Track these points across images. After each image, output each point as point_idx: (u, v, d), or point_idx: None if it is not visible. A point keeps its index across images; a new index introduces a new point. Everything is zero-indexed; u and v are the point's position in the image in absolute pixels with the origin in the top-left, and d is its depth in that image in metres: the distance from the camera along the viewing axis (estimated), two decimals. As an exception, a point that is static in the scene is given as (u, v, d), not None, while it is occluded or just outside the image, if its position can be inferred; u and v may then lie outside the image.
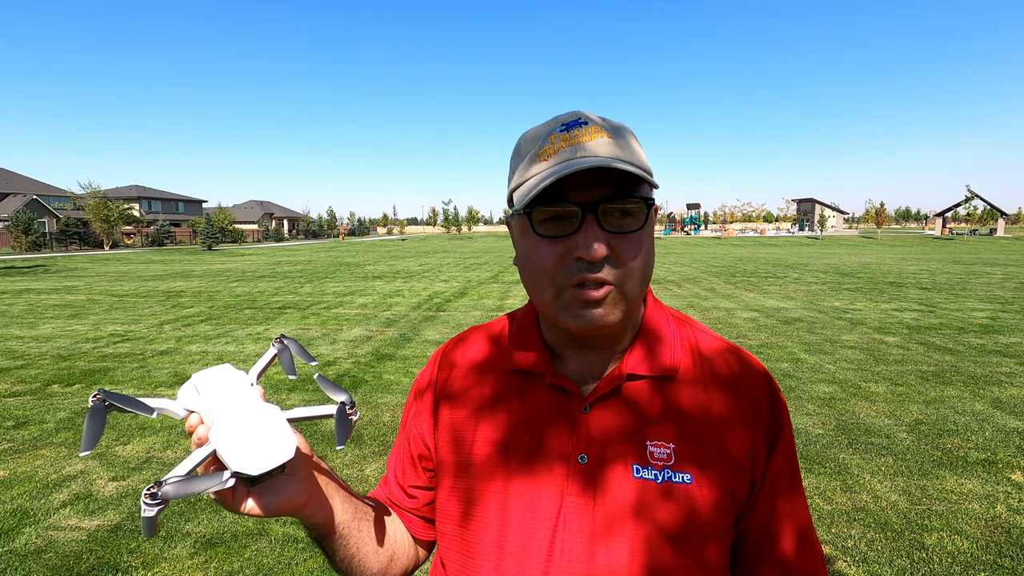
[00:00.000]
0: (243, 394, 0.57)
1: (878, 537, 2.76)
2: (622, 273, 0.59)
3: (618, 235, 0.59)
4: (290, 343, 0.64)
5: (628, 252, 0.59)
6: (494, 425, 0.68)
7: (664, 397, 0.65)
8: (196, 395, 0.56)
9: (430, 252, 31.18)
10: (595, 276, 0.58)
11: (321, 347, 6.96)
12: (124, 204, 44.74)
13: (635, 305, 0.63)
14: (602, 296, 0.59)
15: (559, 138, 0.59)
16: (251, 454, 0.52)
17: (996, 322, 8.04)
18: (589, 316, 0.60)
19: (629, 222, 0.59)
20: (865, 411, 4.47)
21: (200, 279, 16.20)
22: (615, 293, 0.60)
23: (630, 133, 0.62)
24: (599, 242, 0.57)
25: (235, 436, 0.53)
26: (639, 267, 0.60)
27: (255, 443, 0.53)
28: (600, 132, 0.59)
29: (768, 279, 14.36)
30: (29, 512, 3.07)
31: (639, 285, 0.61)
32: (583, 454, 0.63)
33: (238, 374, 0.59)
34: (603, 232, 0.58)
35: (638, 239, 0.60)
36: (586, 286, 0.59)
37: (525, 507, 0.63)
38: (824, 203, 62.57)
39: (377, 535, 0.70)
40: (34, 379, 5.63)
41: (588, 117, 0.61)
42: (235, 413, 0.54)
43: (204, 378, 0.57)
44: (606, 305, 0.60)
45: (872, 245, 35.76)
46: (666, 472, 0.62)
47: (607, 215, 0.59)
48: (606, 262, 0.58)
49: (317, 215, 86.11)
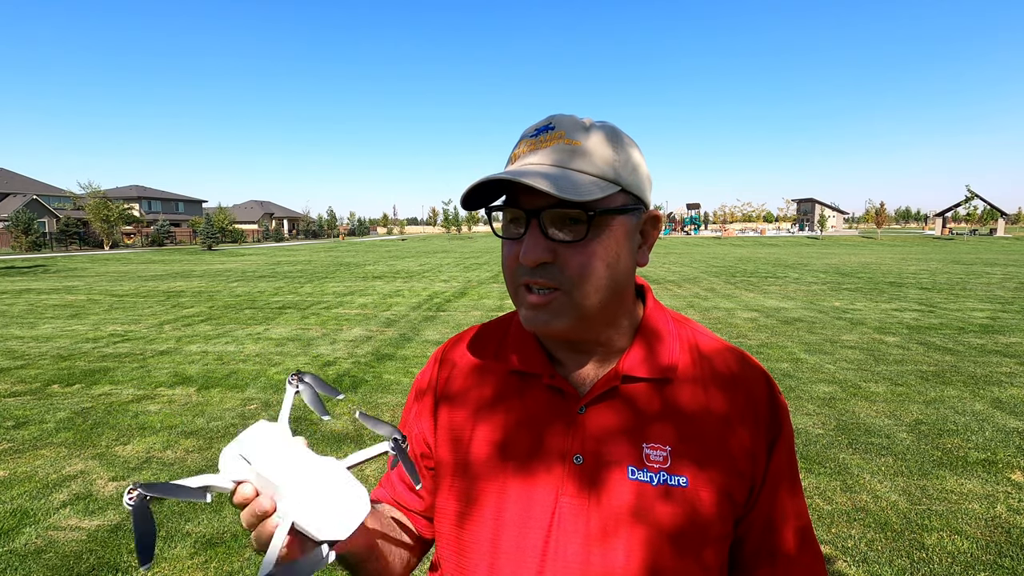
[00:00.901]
0: (295, 453, 0.53)
1: (878, 537, 2.76)
2: (566, 280, 0.59)
3: (562, 243, 0.59)
4: (310, 379, 0.60)
5: (572, 260, 0.59)
6: (492, 425, 0.68)
7: (662, 399, 0.65)
8: (245, 464, 0.52)
9: (430, 252, 31.18)
10: (535, 280, 0.60)
11: (321, 347, 6.96)
12: (124, 204, 44.73)
13: (596, 314, 0.62)
14: (544, 302, 0.60)
15: (526, 143, 0.62)
16: (333, 518, 0.50)
17: (996, 322, 8.04)
18: (533, 318, 0.62)
19: (572, 231, 0.59)
20: (865, 411, 4.47)
21: (200, 279, 16.19)
22: (561, 299, 0.60)
23: (602, 139, 0.61)
24: (537, 248, 0.58)
25: (311, 503, 0.49)
26: (587, 276, 0.59)
27: (332, 504, 0.50)
28: (560, 139, 0.60)
29: (768, 279, 14.36)
30: (29, 512, 3.08)
31: (594, 295, 0.60)
32: (579, 455, 0.63)
33: (277, 429, 0.55)
34: (544, 239, 0.59)
35: (582, 248, 0.59)
36: (532, 289, 0.61)
37: (520, 507, 0.63)
38: (824, 203, 62.55)
39: (398, 544, 0.72)
40: (34, 379, 5.63)
41: (557, 123, 0.62)
42: (300, 478, 0.50)
43: (248, 444, 0.53)
44: (550, 311, 0.61)
45: (872, 245, 35.76)
46: (662, 474, 0.62)
47: (553, 222, 0.59)
48: (551, 268, 0.59)
49: (317, 215, 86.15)
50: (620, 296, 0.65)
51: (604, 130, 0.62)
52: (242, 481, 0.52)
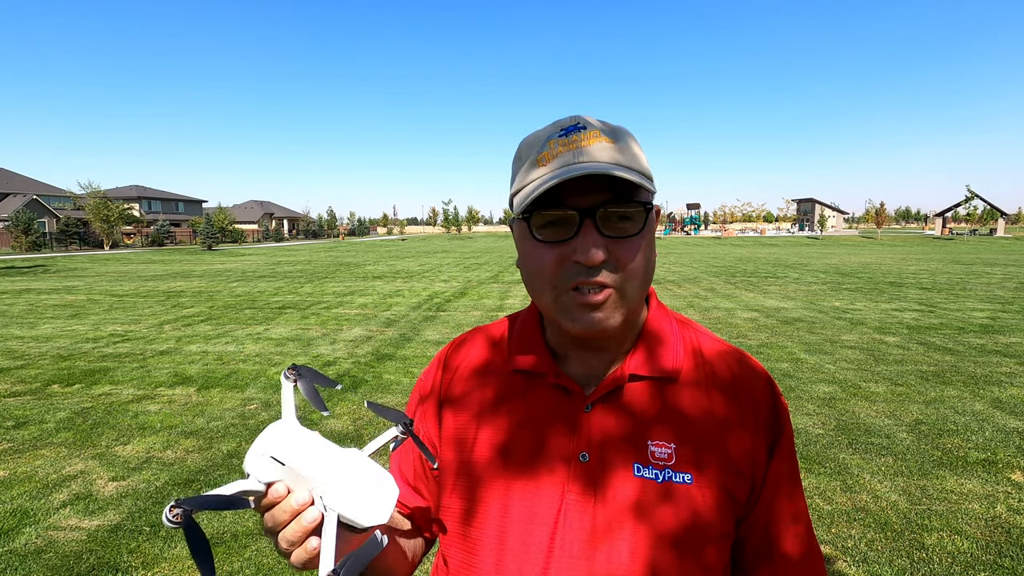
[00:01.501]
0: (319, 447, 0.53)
1: (878, 537, 2.76)
2: (621, 277, 0.60)
3: (617, 239, 0.59)
4: (306, 372, 0.60)
5: (627, 256, 0.59)
6: (496, 425, 0.68)
7: (666, 398, 0.65)
8: (275, 464, 0.52)
9: (430, 252, 31.18)
10: (594, 280, 0.59)
11: (321, 347, 6.97)
12: (124, 204, 44.73)
13: (636, 308, 0.64)
14: (602, 300, 0.60)
15: (558, 143, 0.60)
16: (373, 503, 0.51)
17: (996, 322, 8.04)
18: (588, 319, 0.60)
19: (628, 227, 0.60)
20: (865, 411, 4.47)
21: (200, 279, 16.20)
22: (615, 297, 0.60)
23: (630, 136, 0.63)
24: (597, 247, 0.58)
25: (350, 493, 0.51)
26: (638, 271, 0.61)
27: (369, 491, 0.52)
28: (599, 136, 0.60)
29: (768, 279, 14.37)
30: (29, 512, 3.08)
31: (639, 289, 0.62)
32: (584, 453, 0.63)
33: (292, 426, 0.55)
34: (601, 237, 0.59)
35: (636, 243, 0.60)
36: (584, 290, 0.60)
37: (526, 505, 0.63)
38: (824, 203, 62.57)
39: (405, 542, 0.73)
40: (34, 379, 5.63)
41: (587, 121, 0.62)
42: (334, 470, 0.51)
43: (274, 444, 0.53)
44: (606, 309, 0.60)
45: (872, 245, 35.77)
46: (667, 472, 0.62)
47: (605, 220, 0.59)
48: (604, 266, 0.59)
49: (317, 215, 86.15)
50: (647, 290, 0.67)
51: (625, 130, 0.63)
52: (273, 482, 0.52)
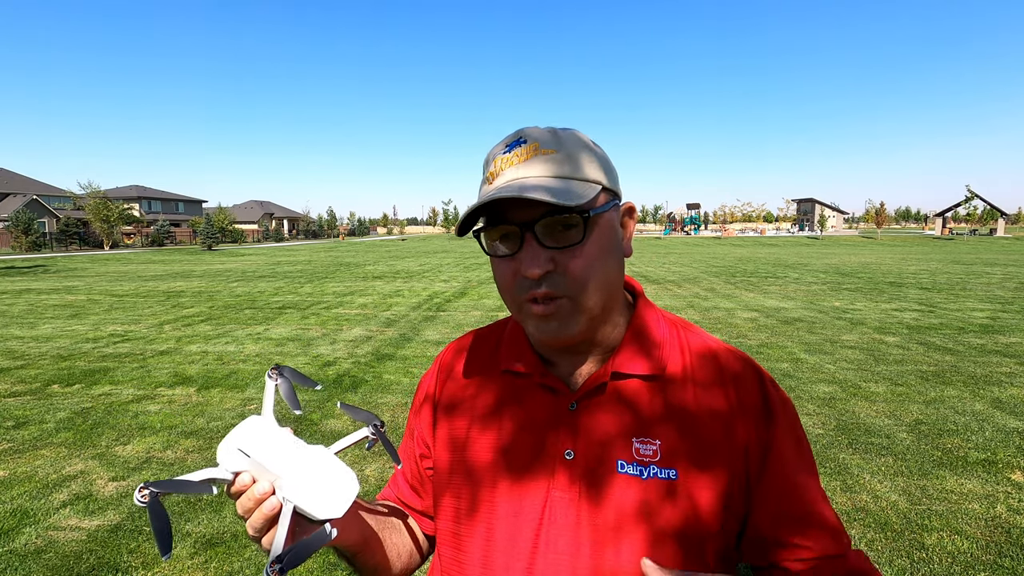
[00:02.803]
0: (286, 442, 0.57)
1: (878, 537, 2.77)
2: (571, 285, 0.60)
3: (561, 249, 0.60)
4: (287, 372, 0.63)
5: (573, 265, 0.60)
6: (486, 424, 0.70)
7: (652, 395, 0.66)
8: (242, 456, 0.55)
9: (430, 252, 31.18)
10: (541, 292, 0.60)
11: (321, 347, 6.97)
12: (124, 204, 44.77)
13: (599, 313, 0.64)
14: (553, 311, 0.61)
15: (501, 160, 0.62)
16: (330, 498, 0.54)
17: (996, 322, 8.04)
18: (545, 329, 0.62)
19: (571, 235, 0.60)
20: (865, 411, 4.47)
21: (200, 279, 16.20)
22: (568, 305, 0.61)
23: (574, 142, 0.63)
24: (536, 260, 0.59)
25: (309, 486, 0.54)
26: (588, 278, 0.61)
27: (327, 486, 0.54)
28: (536, 151, 0.61)
29: (768, 279, 14.36)
30: (29, 512, 3.08)
31: (596, 294, 0.62)
32: (569, 450, 0.64)
33: (267, 422, 0.58)
34: (544, 249, 0.60)
35: (581, 251, 0.60)
36: (537, 301, 0.61)
37: (513, 501, 0.65)
38: (824, 203, 62.61)
39: (397, 539, 0.74)
40: (34, 379, 5.63)
41: (528, 135, 0.63)
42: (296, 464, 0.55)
43: (243, 437, 0.56)
44: (559, 318, 0.61)
45: (872, 245, 35.77)
46: (651, 468, 0.62)
47: (549, 231, 0.60)
48: (552, 277, 0.60)
49: (317, 215, 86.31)
50: (615, 293, 0.66)
51: (573, 135, 0.64)
52: (240, 472, 0.56)
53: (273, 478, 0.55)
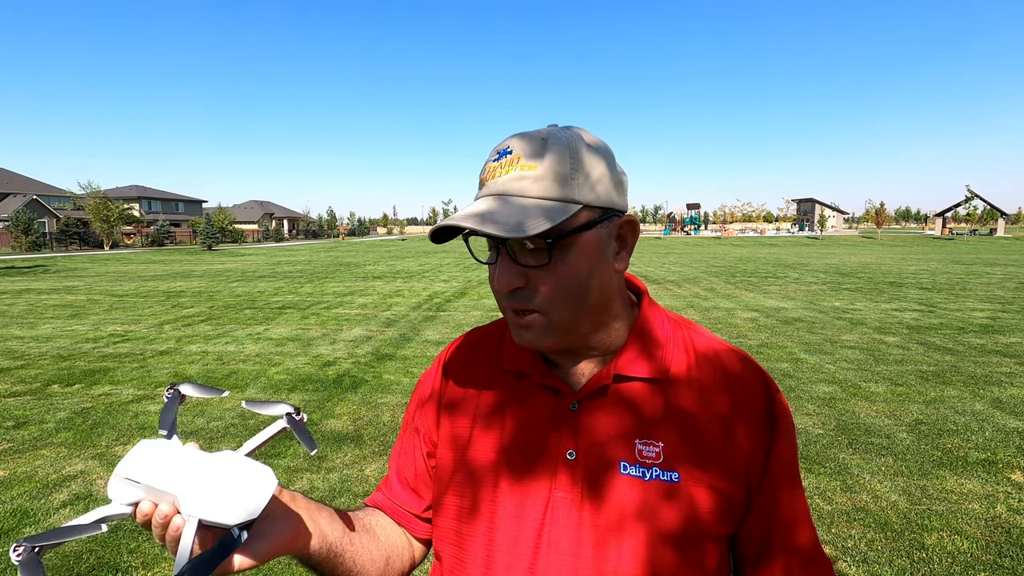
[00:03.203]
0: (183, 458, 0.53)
1: (878, 537, 2.77)
2: (541, 303, 0.61)
3: (531, 268, 0.61)
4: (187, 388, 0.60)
5: (541, 285, 0.61)
6: (489, 424, 0.70)
7: (655, 397, 0.65)
8: (132, 485, 0.52)
9: (430, 252, 31.18)
10: (512, 305, 0.62)
11: (321, 347, 6.97)
12: (124, 204, 44.79)
13: (579, 327, 0.64)
14: (528, 323, 0.63)
15: (489, 168, 0.63)
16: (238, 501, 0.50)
17: (996, 322, 8.04)
18: (522, 337, 0.64)
19: (535, 256, 0.60)
20: (865, 411, 4.47)
21: (200, 279, 16.20)
22: (541, 320, 0.62)
23: (563, 155, 0.59)
24: (509, 275, 0.61)
25: (211, 496, 0.50)
26: (559, 298, 0.61)
27: (233, 490, 0.51)
28: (516, 166, 0.59)
29: (768, 279, 14.37)
30: (29, 512, 3.08)
31: (569, 313, 0.62)
32: (572, 451, 0.64)
33: (160, 444, 0.55)
34: (516, 265, 0.61)
35: (550, 272, 0.60)
36: (515, 312, 0.63)
37: (515, 501, 0.65)
38: (824, 203, 62.59)
39: (370, 543, 0.71)
40: (34, 379, 5.63)
41: (515, 146, 0.61)
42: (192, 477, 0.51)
43: (131, 466, 0.52)
44: (534, 331, 0.63)
45: (872, 245, 35.77)
46: (654, 470, 0.62)
47: (520, 248, 0.60)
48: (524, 292, 0.61)
49: (317, 215, 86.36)
50: (603, 305, 0.65)
51: (560, 145, 0.59)
52: (137, 502, 0.53)
53: (171, 498, 0.51)
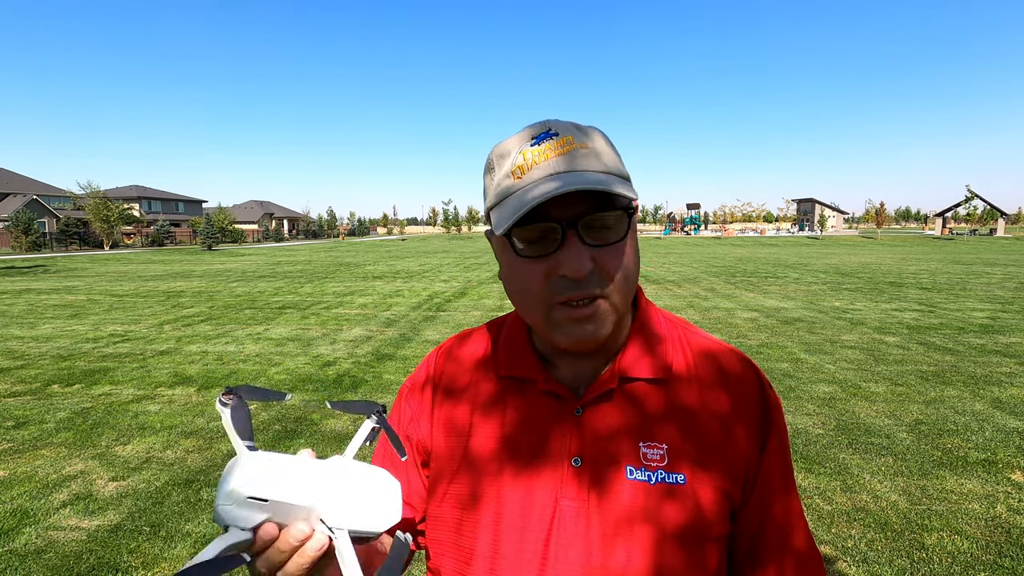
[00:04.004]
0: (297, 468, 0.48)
1: (878, 537, 2.76)
2: (609, 284, 0.59)
3: (601, 247, 0.58)
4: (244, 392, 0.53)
5: (613, 264, 0.58)
6: (488, 430, 0.67)
7: (657, 399, 0.65)
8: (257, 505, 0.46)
9: (430, 252, 31.18)
10: (584, 293, 0.58)
11: (321, 347, 6.97)
12: (124, 204, 44.74)
13: (625, 313, 0.64)
14: (591, 313, 0.59)
15: (532, 153, 0.58)
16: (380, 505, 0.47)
17: (996, 322, 8.04)
18: (581, 332, 0.60)
19: (610, 233, 0.58)
20: (865, 411, 4.47)
21: (200, 279, 16.20)
22: (605, 306, 0.59)
23: (600, 137, 0.61)
24: (583, 258, 0.56)
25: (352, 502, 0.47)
26: (627, 276, 0.60)
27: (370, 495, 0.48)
28: (573, 144, 0.58)
29: (768, 279, 14.36)
30: (29, 512, 3.08)
31: (628, 294, 0.61)
32: (577, 457, 0.63)
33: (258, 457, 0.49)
34: (586, 247, 0.57)
35: (620, 249, 0.59)
36: (575, 304, 0.58)
37: (520, 511, 0.62)
38: (824, 203, 62.54)
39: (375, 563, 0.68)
40: (34, 379, 5.63)
41: (558, 128, 0.60)
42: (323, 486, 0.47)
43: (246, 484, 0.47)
44: (596, 321, 0.59)
45: (872, 245, 35.77)
46: (660, 473, 0.61)
47: (588, 229, 0.58)
48: (594, 276, 0.58)
49: (317, 215, 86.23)
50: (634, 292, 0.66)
51: (598, 131, 0.62)
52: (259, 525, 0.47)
53: (306, 514, 0.46)
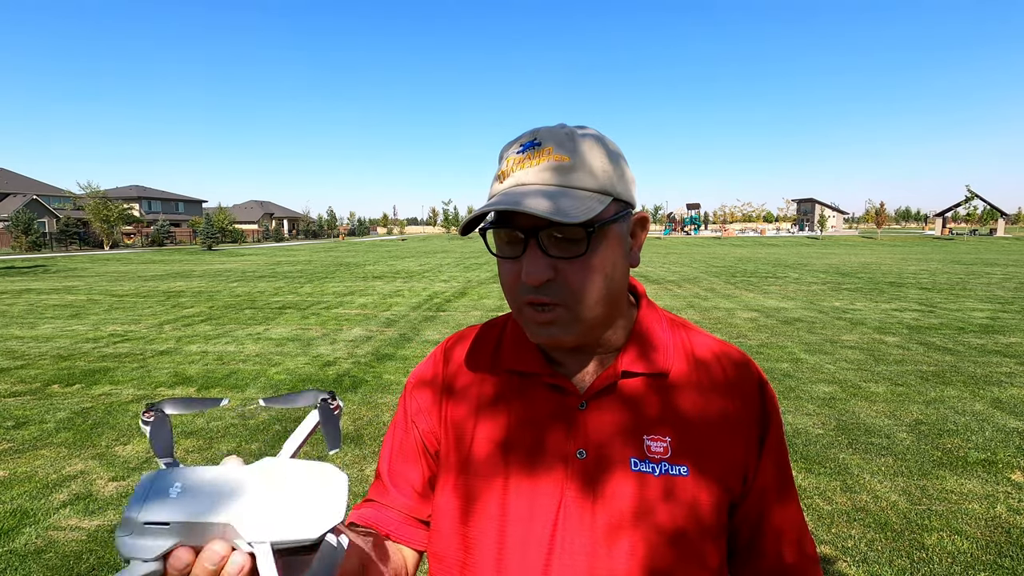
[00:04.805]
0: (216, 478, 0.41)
1: (878, 537, 2.76)
2: (570, 296, 0.60)
3: (563, 259, 0.59)
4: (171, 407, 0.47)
5: (573, 277, 0.60)
6: (494, 423, 0.69)
7: (660, 393, 0.66)
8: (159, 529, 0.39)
9: (430, 252, 31.17)
10: (540, 299, 0.60)
11: (321, 347, 6.96)
12: (124, 204, 44.74)
13: (596, 323, 0.64)
14: (550, 319, 0.61)
15: (513, 160, 0.61)
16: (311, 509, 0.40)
17: (996, 322, 8.04)
18: (544, 333, 0.62)
19: (573, 247, 0.59)
20: (865, 411, 4.47)
21: (200, 279, 16.19)
22: (565, 314, 0.61)
23: (594, 147, 0.61)
24: (538, 268, 0.59)
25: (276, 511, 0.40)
26: (589, 289, 0.60)
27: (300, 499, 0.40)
28: (550, 155, 0.59)
29: (768, 279, 14.36)
30: (29, 512, 3.07)
31: (595, 305, 0.62)
32: (581, 450, 0.64)
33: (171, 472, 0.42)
34: (546, 257, 0.59)
35: (584, 262, 0.60)
36: (535, 307, 0.61)
37: (526, 503, 0.64)
38: (824, 203, 62.51)
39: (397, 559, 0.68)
40: (34, 379, 5.62)
41: (542, 137, 0.61)
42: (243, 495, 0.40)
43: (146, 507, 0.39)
44: (557, 326, 0.61)
45: (872, 245, 35.76)
46: (663, 465, 0.63)
47: (551, 240, 0.59)
48: (553, 285, 0.60)
49: (317, 215, 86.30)
50: (617, 300, 0.66)
51: (590, 139, 0.62)
52: (169, 551, 0.40)
53: (221, 531, 0.39)
